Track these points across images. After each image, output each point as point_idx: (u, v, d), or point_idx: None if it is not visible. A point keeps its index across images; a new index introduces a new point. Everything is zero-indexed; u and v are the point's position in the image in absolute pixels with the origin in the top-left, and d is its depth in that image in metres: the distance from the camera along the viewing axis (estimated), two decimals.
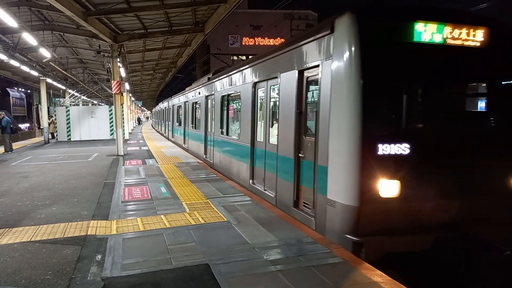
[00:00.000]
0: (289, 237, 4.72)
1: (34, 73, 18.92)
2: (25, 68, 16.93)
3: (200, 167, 10.88)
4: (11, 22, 9.06)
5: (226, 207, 6.25)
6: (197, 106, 14.14)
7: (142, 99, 61.32)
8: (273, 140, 6.47)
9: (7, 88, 37.26)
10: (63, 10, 9.64)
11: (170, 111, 23.33)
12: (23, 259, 4.12)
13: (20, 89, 41.57)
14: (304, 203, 5.40)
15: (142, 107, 79.21)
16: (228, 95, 9.62)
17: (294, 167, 5.52)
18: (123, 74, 18.75)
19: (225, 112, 10.01)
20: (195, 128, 14.40)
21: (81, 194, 7.41)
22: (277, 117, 6.23)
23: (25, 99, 42.18)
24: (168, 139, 23.39)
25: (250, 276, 3.65)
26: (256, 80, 7.25)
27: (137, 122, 56.44)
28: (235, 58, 36.14)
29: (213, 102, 11.00)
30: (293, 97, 5.52)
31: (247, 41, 45.35)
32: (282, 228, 5.09)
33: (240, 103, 8.44)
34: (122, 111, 16.32)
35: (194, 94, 14.39)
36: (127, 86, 24.59)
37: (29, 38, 10.99)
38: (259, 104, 7.43)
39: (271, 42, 44.03)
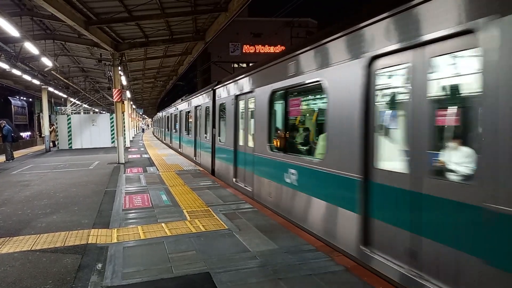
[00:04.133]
0: (290, 245, 4.71)
1: (36, 82, 19.01)
2: (27, 77, 17.02)
3: (201, 175, 10.87)
4: (13, 31, 9.12)
5: (227, 214, 6.24)
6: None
7: (143, 106, 61.55)
8: None
9: (8, 97, 37.49)
10: (64, 20, 9.73)
11: (183, 117, 17.89)
12: (24, 268, 4.10)
13: (21, 97, 41.80)
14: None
15: (143, 115, 79.51)
16: None
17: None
18: (124, 82, 18.84)
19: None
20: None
21: (82, 202, 7.41)
22: None
23: (26, 108, 42.42)
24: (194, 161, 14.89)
25: (251, 285, 3.63)
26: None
27: (141, 130, 56.93)
28: (236, 66, 36.31)
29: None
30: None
31: (247, 48, 45.62)
32: (283, 236, 5.07)
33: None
34: (123, 119, 16.35)
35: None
36: (128, 94, 24.70)
37: (31, 48, 11.05)
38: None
39: (272, 49, 44.26)
